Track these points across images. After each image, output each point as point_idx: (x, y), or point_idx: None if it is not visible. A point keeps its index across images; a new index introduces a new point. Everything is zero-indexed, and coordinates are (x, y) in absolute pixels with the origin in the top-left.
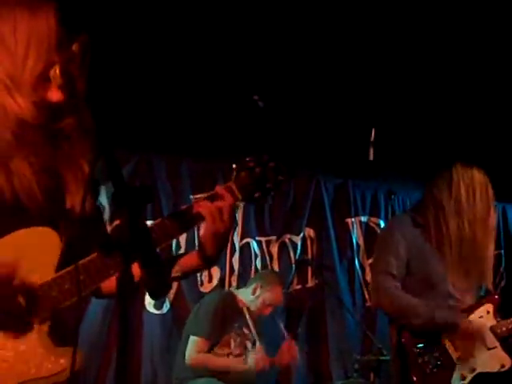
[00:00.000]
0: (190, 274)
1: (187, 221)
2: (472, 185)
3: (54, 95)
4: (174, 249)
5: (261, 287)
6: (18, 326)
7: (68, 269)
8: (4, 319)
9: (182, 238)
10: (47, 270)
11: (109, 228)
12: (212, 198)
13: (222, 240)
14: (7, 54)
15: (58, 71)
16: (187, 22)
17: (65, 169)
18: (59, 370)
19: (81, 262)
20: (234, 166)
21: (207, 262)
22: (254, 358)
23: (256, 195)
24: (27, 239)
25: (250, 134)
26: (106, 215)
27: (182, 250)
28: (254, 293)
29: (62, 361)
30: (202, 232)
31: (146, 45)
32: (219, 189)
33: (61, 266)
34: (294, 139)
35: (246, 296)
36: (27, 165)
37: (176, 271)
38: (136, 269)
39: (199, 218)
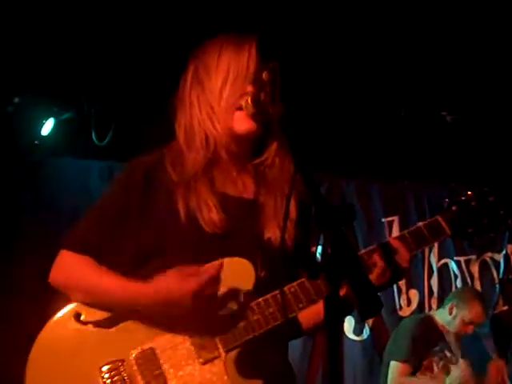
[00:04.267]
0: None
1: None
2: None
3: (246, 124)
4: None
5: (456, 306)
6: (208, 353)
7: (273, 293)
8: (199, 342)
9: None
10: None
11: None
12: (384, 248)
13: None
14: (209, 85)
15: (249, 101)
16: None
17: (266, 198)
18: None
19: (286, 287)
20: (446, 199)
21: None
22: (459, 373)
23: (469, 230)
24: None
25: (440, 155)
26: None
27: None
28: (450, 313)
29: None
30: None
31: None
32: (393, 240)
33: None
34: (488, 154)
35: (444, 317)
36: (207, 187)
37: None
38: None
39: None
